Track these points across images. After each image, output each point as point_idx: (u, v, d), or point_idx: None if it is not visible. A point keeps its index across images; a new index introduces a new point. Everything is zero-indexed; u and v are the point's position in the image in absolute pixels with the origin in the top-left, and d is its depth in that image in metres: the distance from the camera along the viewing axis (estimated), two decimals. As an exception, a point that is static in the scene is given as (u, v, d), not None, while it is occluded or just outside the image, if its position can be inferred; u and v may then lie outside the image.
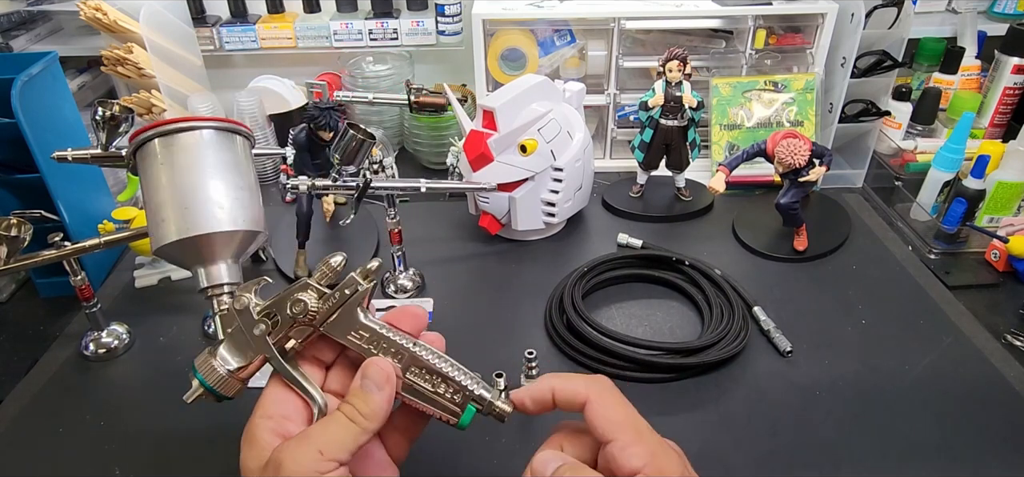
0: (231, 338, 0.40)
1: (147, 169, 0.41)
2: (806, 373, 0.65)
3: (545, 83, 0.81)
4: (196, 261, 0.41)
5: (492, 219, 0.83)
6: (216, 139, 0.41)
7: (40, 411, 0.63)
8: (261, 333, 0.39)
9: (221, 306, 0.41)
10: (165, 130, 0.40)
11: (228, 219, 0.40)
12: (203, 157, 0.40)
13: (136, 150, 0.41)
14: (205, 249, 0.40)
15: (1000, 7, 1.07)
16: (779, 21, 0.97)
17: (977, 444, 0.57)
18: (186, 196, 0.40)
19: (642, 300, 0.76)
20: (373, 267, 0.40)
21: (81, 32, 1.07)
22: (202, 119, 0.41)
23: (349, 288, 0.39)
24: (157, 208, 0.40)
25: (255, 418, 0.38)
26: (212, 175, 0.40)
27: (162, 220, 0.40)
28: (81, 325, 0.72)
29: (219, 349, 0.40)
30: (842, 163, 1.01)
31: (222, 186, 0.41)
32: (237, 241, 0.41)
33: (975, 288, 0.77)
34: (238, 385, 0.40)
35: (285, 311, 0.39)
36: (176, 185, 0.40)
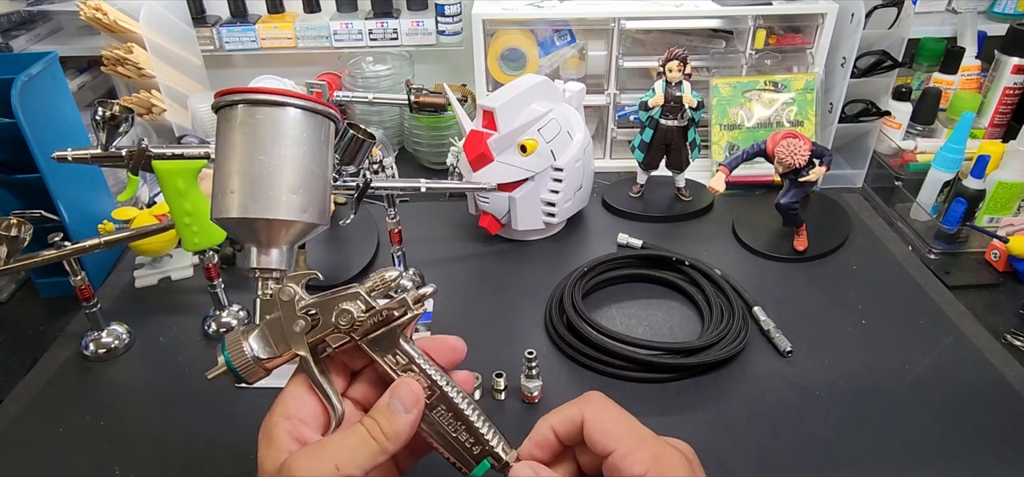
0: (267, 325, 0.38)
1: (224, 133, 0.38)
2: (806, 373, 0.65)
3: (545, 83, 0.81)
4: (251, 240, 0.39)
5: (492, 219, 0.83)
6: (303, 121, 0.38)
7: (40, 411, 0.63)
8: (301, 330, 0.38)
9: (265, 291, 0.39)
10: (253, 98, 0.37)
11: (297, 209, 0.38)
12: (286, 136, 0.37)
13: (218, 109, 0.39)
14: (264, 232, 0.38)
15: (1000, 7, 1.07)
16: (779, 21, 0.97)
17: (977, 444, 0.57)
18: (259, 174, 0.37)
19: (642, 300, 0.76)
20: (427, 292, 0.39)
21: (81, 32, 1.07)
22: (294, 95, 0.38)
23: (398, 310, 0.38)
24: (226, 176, 0.37)
25: (274, 417, 0.37)
26: (291, 158, 0.38)
27: (229, 191, 0.37)
28: (81, 325, 0.72)
29: (252, 333, 0.38)
30: (842, 163, 1.01)
31: (298, 173, 0.38)
32: (298, 230, 0.39)
33: (975, 288, 0.77)
34: (262, 373, 0.39)
35: (329, 315, 0.38)
36: (251, 159, 0.37)
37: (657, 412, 0.61)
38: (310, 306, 0.38)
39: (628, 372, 0.64)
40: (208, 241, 0.66)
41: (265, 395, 0.63)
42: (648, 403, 0.62)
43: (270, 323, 0.38)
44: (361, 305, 0.38)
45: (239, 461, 0.57)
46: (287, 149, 0.38)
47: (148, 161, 0.61)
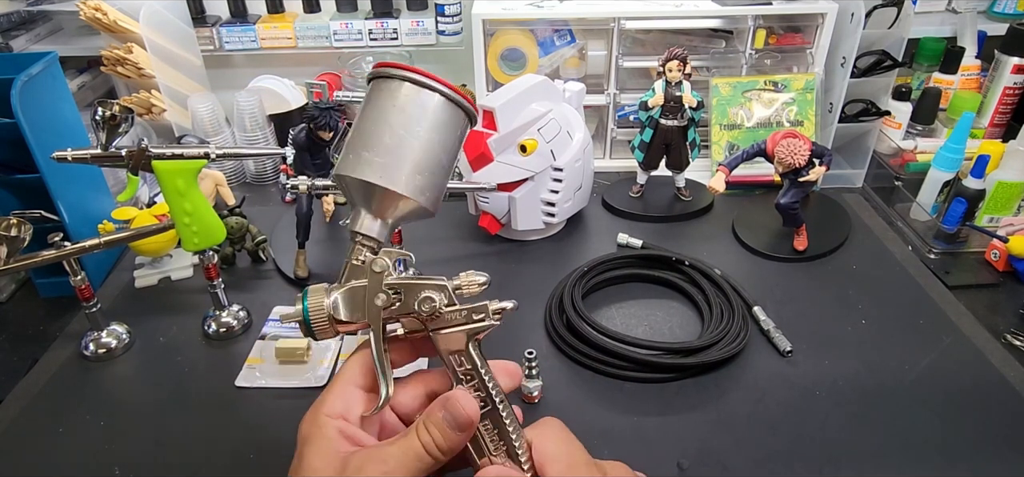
0: (350, 290, 0.39)
1: (375, 100, 0.39)
2: (806, 373, 0.65)
3: (545, 83, 0.81)
4: (364, 204, 0.40)
5: (492, 219, 0.83)
6: (451, 114, 0.40)
7: (40, 411, 0.63)
8: (381, 304, 0.38)
9: (359, 256, 0.40)
10: (416, 78, 0.39)
11: (420, 191, 0.39)
12: (429, 120, 0.39)
13: (376, 78, 0.40)
14: (382, 202, 0.39)
15: (1000, 7, 1.07)
16: (779, 21, 0.97)
17: (977, 444, 0.57)
18: (396, 146, 0.38)
19: (642, 300, 0.76)
20: (508, 307, 0.39)
21: (81, 32, 1.07)
22: (447, 85, 0.39)
23: (478, 314, 0.39)
24: (366, 139, 0.39)
25: (321, 416, 0.36)
26: (430, 144, 0.39)
27: (365, 156, 0.38)
28: (81, 325, 0.72)
29: (335, 291, 0.39)
30: (842, 163, 1.01)
31: (430, 157, 0.39)
32: (410, 209, 0.39)
33: (975, 288, 0.77)
34: (332, 332, 0.39)
35: (412, 298, 0.38)
36: (397, 134, 0.38)
37: (657, 412, 0.61)
38: (396, 285, 0.38)
39: (628, 372, 0.64)
40: (208, 241, 0.66)
41: (267, 396, 0.64)
42: (648, 403, 0.62)
43: (354, 289, 0.39)
44: (445, 298, 0.38)
45: (239, 461, 0.57)
46: (427, 132, 0.39)
47: (148, 161, 0.61)
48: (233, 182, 1.01)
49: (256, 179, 1.03)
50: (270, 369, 0.66)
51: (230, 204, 0.87)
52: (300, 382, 0.65)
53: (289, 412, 0.62)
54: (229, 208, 0.84)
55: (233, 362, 0.67)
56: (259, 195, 0.99)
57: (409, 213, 0.40)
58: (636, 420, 0.60)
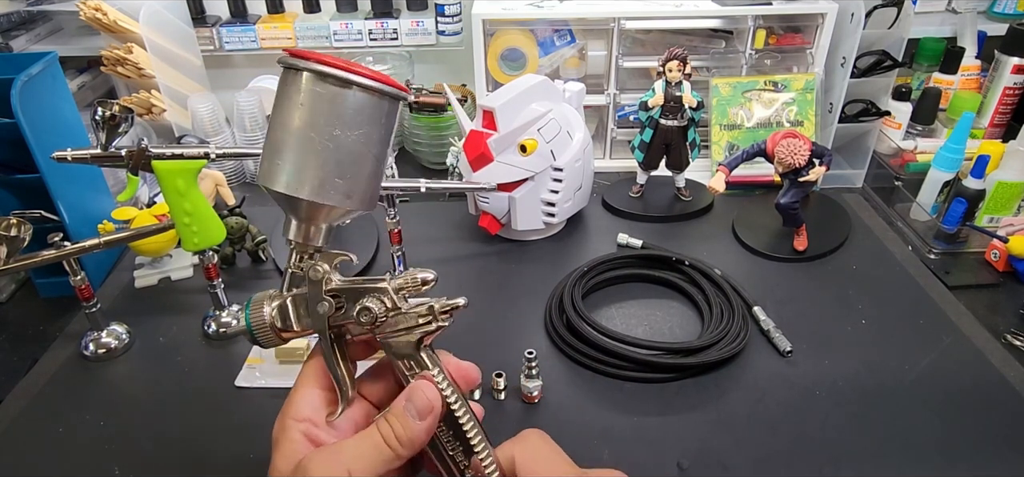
0: (293, 298, 0.38)
1: (282, 96, 0.35)
2: (806, 373, 0.65)
3: (545, 83, 0.81)
4: (291, 211, 0.37)
5: (492, 219, 0.83)
6: (369, 103, 0.35)
7: (40, 411, 0.63)
8: (324, 312, 0.37)
9: (297, 264, 0.38)
10: (319, 69, 0.34)
11: (344, 196, 0.35)
12: (344, 117, 0.34)
13: (283, 66, 0.36)
14: (307, 210, 0.36)
15: (1000, 7, 1.07)
16: (779, 21, 0.97)
17: (977, 444, 0.57)
18: (308, 154, 0.34)
19: (642, 300, 0.76)
20: (459, 304, 0.37)
21: (81, 32, 1.07)
22: (361, 72, 0.34)
23: (424, 317, 0.37)
24: (276, 145, 0.35)
25: (286, 419, 0.36)
26: (349, 142, 0.35)
27: (277, 163, 0.35)
28: (81, 325, 0.72)
29: (275, 301, 0.38)
30: (842, 163, 1.01)
31: (354, 158, 0.35)
32: (339, 214, 0.37)
33: (975, 288, 0.77)
34: (277, 341, 0.38)
35: (353, 306, 0.37)
36: (304, 135, 0.34)
37: (657, 412, 0.61)
38: (338, 290, 0.37)
39: (628, 372, 0.64)
40: (208, 241, 0.66)
41: (266, 396, 0.64)
42: (648, 403, 0.62)
43: (297, 297, 0.38)
44: (387, 302, 0.36)
45: (238, 461, 0.57)
46: (344, 130, 0.34)
47: (148, 161, 0.61)
48: (233, 182, 1.01)
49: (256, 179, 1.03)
50: (270, 369, 0.66)
51: (230, 204, 0.87)
52: (300, 382, 0.65)
53: (289, 412, 0.61)
54: (229, 208, 0.84)
55: (233, 362, 0.67)
56: (259, 195, 0.99)
57: (339, 216, 0.37)
58: (636, 420, 0.60)
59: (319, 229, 0.37)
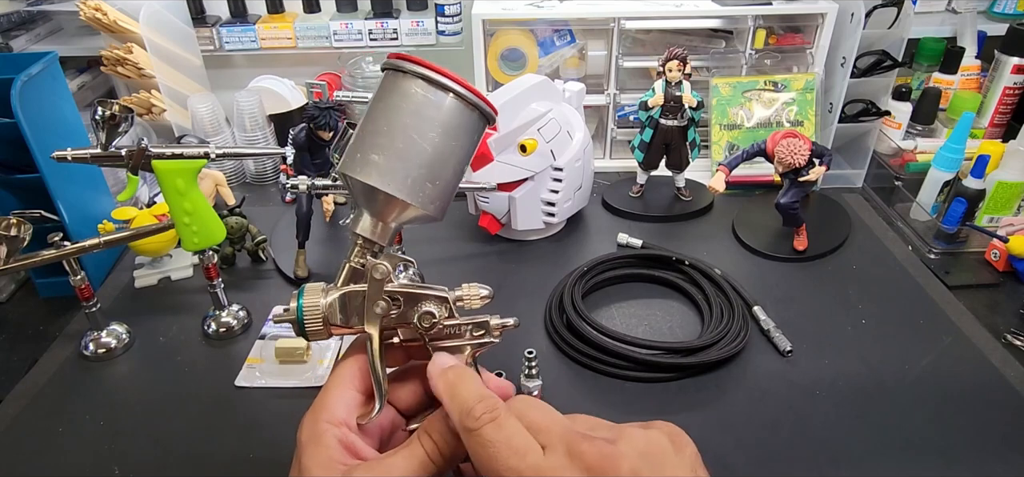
0: (348, 295, 0.37)
1: (386, 96, 0.37)
2: (806, 373, 0.65)
3: (545, 83, 0.81)
4: (367, 206, 0.37)
5: (492, 219, 0.83)
6: (468, 118, 0.37)
7: (40, 411, 0.63)
8: (380, 312, 0.36)
9: (359, 258, 0.38)
10: (435, 79, 0.36)
11: (428, 200, 0.37)
12: (448, 127, 0.36)
13: (388, 69, 0.38)
14: (386, 207, 0.37)
15: (1000, 7, 1.07)
16: (779, 21, 0.97)
17: (977, 443, 0.57)
18: (405, 150, 0.36)
19: (642, 300, 0.76)
20: (510, 324, 0.38)
21: (81, 32, 1.07)
22: (469, 89, 0.37)
23: (479, 330, 0.38)
24: (373, 138, 0.36)
25: (321, 423, 0.35)
26: (443, 150, 0.36)
27: (370, 156, 0.36)
28: (81, 325, 0.72)
29: (332, 293, 0.37)
30: (842, 163, 1.01)
31: (444, 166, 0.37)
32: (415, 217, 0.37)
33: (975, 288, 0.77)
34: (325, 334, 0.37)
35: (412, 307, 0.37)
36: (407, 137, 0.36)
37: (657, 412, 0.61)
38: (396, 292, 0.37)
39: (628, 372, 0.64)
40: (208, 241, 0.66)
41: (267, 396, 0.64)
42: (648, 403, 0.62)
43: (352, 294, 0.37)
44: (445, 311, 0.37)
45: (238, 461, 0.57)
46: (441, 137, 0.36)
47: (148, 161, 0.61)
48: (233, 182, 1.01)
49: (256, 179, 1.03)
50: (270, 369, 0.66)
51: (230, 204, 0.87)
52: (300, 382, 0.65)
53: (289, 412, 0.62)
54: (229, 208, 0.84)
55: (233, 362, 0.67)
56: (259, 195, 0.99)
57: (414, 219, 0.38)
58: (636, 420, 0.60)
59: (388, 228, 0.38)
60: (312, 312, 0.36)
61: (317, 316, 0.37)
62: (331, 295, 0.37)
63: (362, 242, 0.37)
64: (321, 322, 0.37)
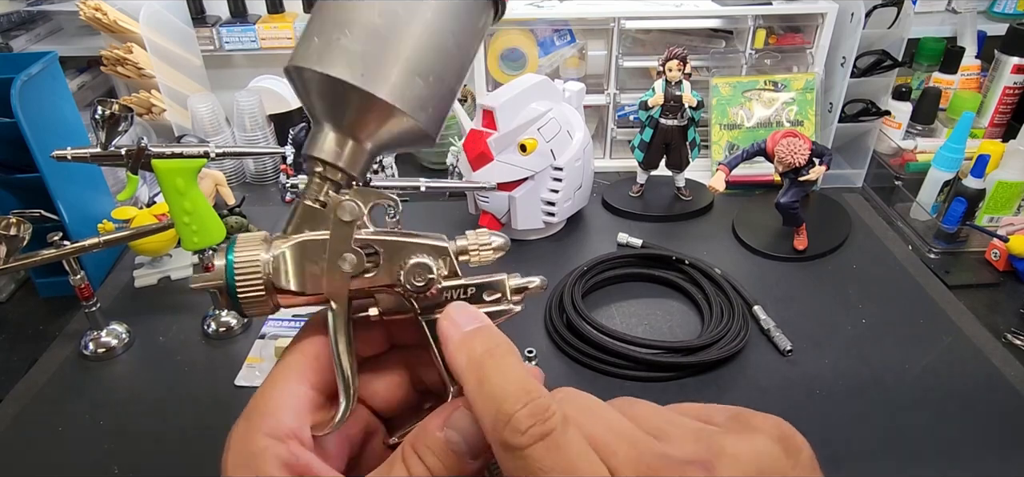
0: (302, 245, 0.26)
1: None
2: (806, 372, 0.65)
3: (545, 82, 0.81)
4: (330, 116, 0.27)
5: (492, 218, 0.83)
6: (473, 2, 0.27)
7: (40, 410, 0.63)
8: (349, 269, 0.26)
9: (316, 194, 0.27)
10: None
11: (418, 105, 0.26)
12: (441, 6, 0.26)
13: None
14: (360, 114, 0.26)
15: (1000, 7, 1.07)
16: (779, 21, 0.97)
17: (977, 443, 0.57)
18: (392, 35, 0.25)
19: (642, 299, 0.76)
20: (534, 284, 0.29)
21: (81, 32, 1.07)
22: None
23: (491, 293, 0.28)
24: (342, 15, 0.25)
25: (259, 438, 0.24)
26: (439, 33, 0.26)
27: (334, 39, 0.25)
28: (80, 324, 0.72)
29: (279, 245, 0.26)
30: (842, 163, 1.01)
31: (440, 57, 0.26)
32: (401, 131, 0.27)
33: (975, 287, 0.77)
34: (269, 307, 0.26)
35: (396, 263, 0.26)
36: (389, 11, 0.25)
37: (657, 411, 0.61)
38: (373, 242, 0.26)
39: (628, 371, 0.64)
40: (207, 240, 0.66)
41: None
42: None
43: (308, 245, 0.26)
44: (444, 267, 0.27)
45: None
46: (436, 14, 0.26)
47: (147, 160, 0.61)
48: (233, 182, 1.01)
49: (256, 179, 1.03)
50: (270, 368, 0.66)
51: (230, 204, 0.87)
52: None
53: (289, 411, 0.61)
54: (229, 208, 0.84)
55: (233, 362, 0.67)
56: (259, 195, 0.99)
57: (399, 136, 0.27)
58: (636, 419, 0.60)
59: (361, 150, 0.27)
60: (248, 272, 0.25)
61: (255, 277, 0.25)
62: (278, 247, 0.26)
63: (323, 170, 0.27)
64: (261, 287, 0.25)
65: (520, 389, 0.21)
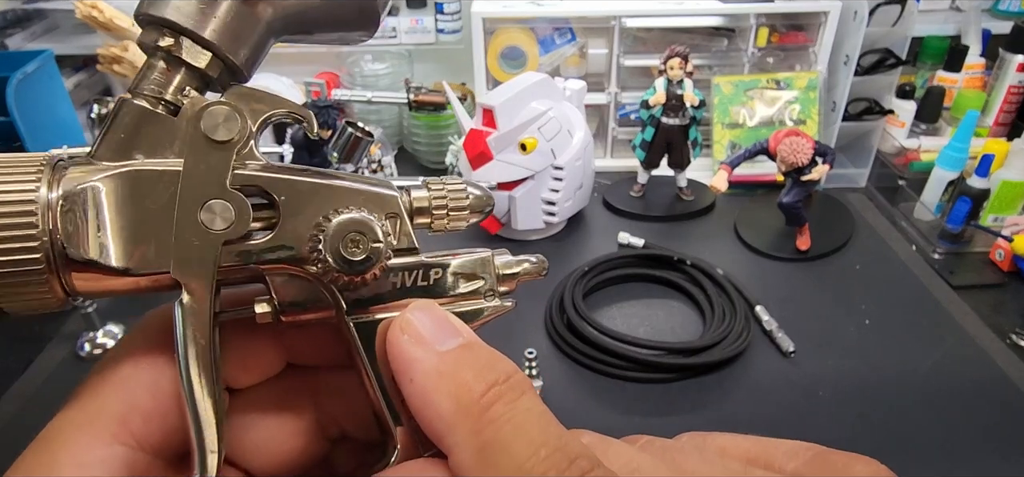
0: (127, 181, 0.16)
1: None
2: (809, 373, 0.64)
3: (545, 81, 0.81)
4: None
5: (492, 218, 0.83)
6: None
7: (35, 413, 0.62)
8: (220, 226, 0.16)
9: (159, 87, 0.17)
10: None
11: None
12: None
13: None
14: None
15: (1004, 5, 1.06)
16: (781, 19, 0.96)
17: (981, 444, 0.57)
18: None
19: (643, 300, 0.75)
20: (526, 267, 0.21)
21: (77, 30, 1.06)
22: None
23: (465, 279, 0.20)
24: None
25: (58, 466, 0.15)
26: None
27: None
28: (76, 325, 0.71)
29: (86, 177, 0.16)
30: (845, 162, 1.01)
31: None
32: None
33: (979, 288, 0.77)
34: (55, 296, 0.16)
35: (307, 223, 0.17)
36: None
37: (659, 413, 0.61)
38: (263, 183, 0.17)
39: (629, 372, 0.64)
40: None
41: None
42: (650, 403, 0.61)
43: (138, 178, 0.16)
44: (393, 234, 0.18)
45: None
46: None
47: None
48: (231, 181, 1.01)
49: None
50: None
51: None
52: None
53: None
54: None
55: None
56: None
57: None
58: (638, 421, 0.60)
59: (253, 16, 0.17)
60: (7, 224, 0.15)
61: (21, 234, 0.15)
62: (78, 178, 0.16)
63: (173, 46, 0.16)
64: (36, 253, 0.15)
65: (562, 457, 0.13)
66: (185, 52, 0.16)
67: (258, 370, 0.18)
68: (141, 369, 0.16)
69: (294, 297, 0.17)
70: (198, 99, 0.16)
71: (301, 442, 0.19)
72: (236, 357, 0.18)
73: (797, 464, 0.17)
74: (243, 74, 0.18)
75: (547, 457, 0.13)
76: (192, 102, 0.16)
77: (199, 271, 0.16)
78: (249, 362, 0.18)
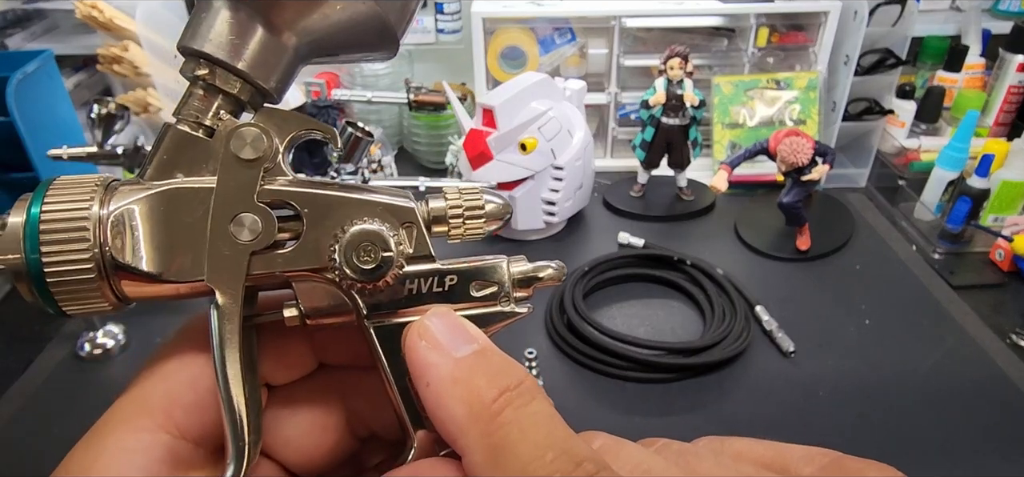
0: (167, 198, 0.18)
1: None
2: (809, 373, 0.64)
3: (545, 81, 0.81)
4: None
5: (492, 218, 0.83)
6: None
7: (35, 413, 0.62)
8: (248, 238, 0.18)
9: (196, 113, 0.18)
10: None
11: None
12: None
13: None
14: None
15: (1004, 5, 1.06)
16: (781, 19, 0.96)
17: (981, 444, 0.57)
18: None
19: (643, 300, 0.75)
20: (546, 273, 0.20)
21: (77, 30, 1.06)
22: None
23: (479, 285, 0.19)
24: None
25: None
26: None
27: None
28: (76, 325, 0.71)
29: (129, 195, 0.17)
30: (845, 162, 1.01)
31: None
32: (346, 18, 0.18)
33: (980, 288, 0.77)
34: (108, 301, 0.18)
35: (329, 233, 0.18)
36: None
37: (659, 413, 0.61)
38: (289, 197, 0.18)
39: (629, 372, 0.64)
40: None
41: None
42: (650, 403, 0.61)
43: (177, 196, 0.17)
44: (408, 242, 0.19)
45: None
46: None
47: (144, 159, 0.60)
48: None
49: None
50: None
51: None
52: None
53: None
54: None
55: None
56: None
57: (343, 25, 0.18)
58: (638, 421, 0.60)
59: (281, 46, 0.18)
60: (64, 236, 0.16)
61: (77, 246, 0.16)
62: (124, 197, 0.17)
63: (208, 75, 0.18)
64: (88, 263, 0.16)
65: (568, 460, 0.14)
66: (219, 80, 0.18)
67: (292, 368, 0.20)
68: (183, 366, 0.19)
69: (318, 302, 0.19)
70: (230, 122, 0.18)
71: (331, 439, 0.20)
72: (272, 356, 0.20)
73: (813, 470, 0.18)
74: (273, 97, 0.19)
75: (553, 460, 0.14)
76: (225, 125, 0.18)
77: (230, 279, 0.18)
78: (284, 361, 0.20)
